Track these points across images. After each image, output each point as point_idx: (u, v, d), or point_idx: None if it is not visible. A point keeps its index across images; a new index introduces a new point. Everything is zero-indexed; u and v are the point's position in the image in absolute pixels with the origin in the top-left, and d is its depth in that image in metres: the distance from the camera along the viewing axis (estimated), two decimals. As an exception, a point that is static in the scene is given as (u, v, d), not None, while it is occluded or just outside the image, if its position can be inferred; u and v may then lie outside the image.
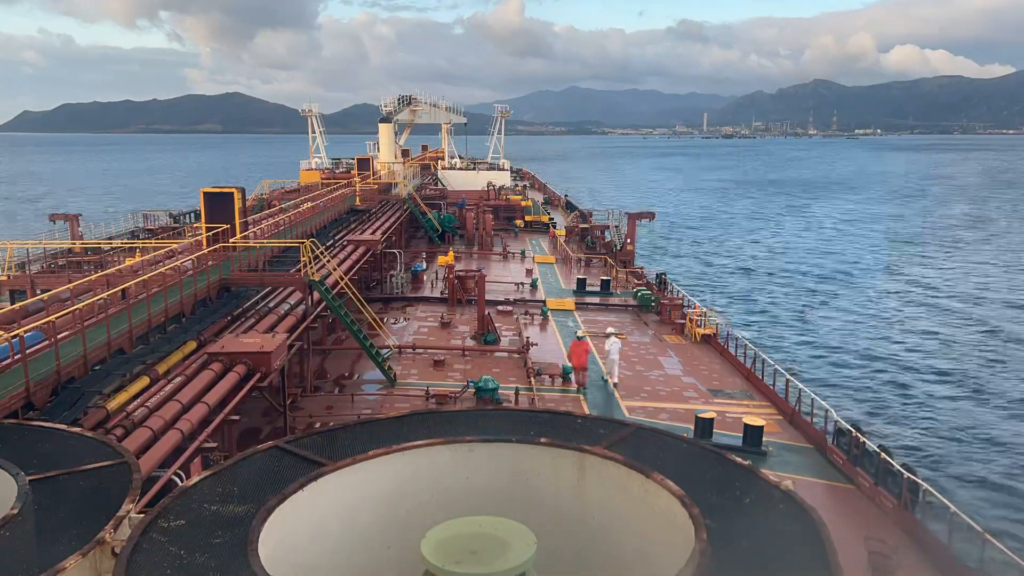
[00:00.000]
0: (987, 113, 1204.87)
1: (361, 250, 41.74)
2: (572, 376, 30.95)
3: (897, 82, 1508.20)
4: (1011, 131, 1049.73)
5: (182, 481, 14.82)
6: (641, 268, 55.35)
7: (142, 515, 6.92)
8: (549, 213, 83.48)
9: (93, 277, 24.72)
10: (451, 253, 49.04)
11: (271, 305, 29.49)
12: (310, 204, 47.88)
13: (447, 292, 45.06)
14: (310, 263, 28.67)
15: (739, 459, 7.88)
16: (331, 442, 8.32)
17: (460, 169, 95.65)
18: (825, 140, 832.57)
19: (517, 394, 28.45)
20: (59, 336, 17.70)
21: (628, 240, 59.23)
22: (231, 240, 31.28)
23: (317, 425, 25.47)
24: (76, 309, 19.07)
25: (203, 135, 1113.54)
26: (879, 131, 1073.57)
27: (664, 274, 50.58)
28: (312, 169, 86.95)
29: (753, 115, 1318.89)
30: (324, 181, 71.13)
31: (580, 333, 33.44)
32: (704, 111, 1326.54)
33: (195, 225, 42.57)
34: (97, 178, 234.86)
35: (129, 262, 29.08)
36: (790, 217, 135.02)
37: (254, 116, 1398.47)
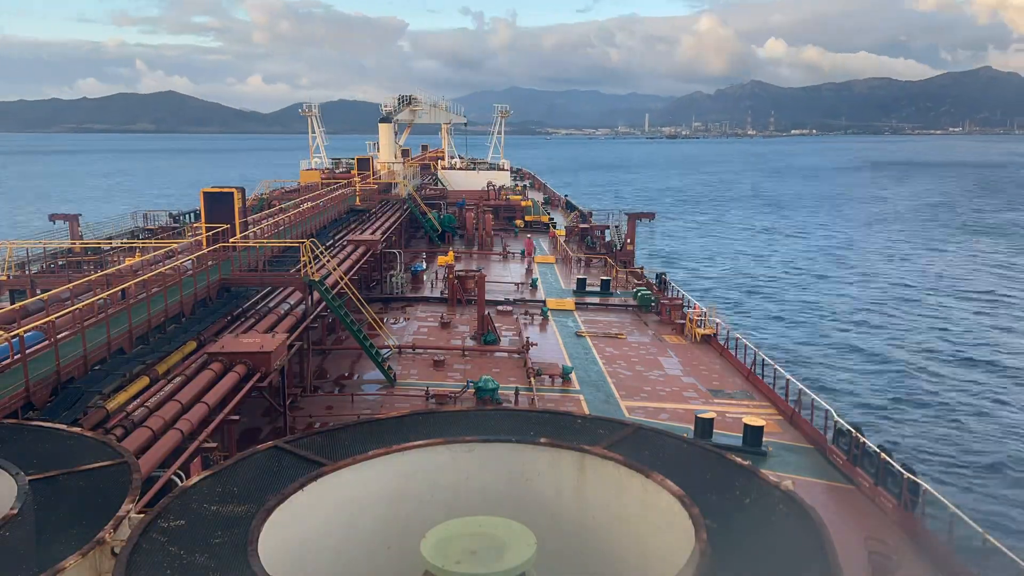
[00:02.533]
0: (915, 114, 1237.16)
1: (361, 250, 41.74)
2: (572, 375, 31.03)
3: (829, 83, 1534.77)
4: (938, 131, 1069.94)
5: (182, 481, 14.82)
6: (641, 268, 55.35)
7: (142, 515, 6.92)
8: (549, 213, 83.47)
9: (93, 277, 24.72)
10: (451, 253, 49.06)
11: (271, 305, 29.49)
12: (310, 204, 47.89)
13: (447, 292, 45.07)
14: (310, 263, 28.67)
15: (739, 459, 7.88)
16: (331, 442, 8.32)
17: (460, 169, 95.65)
18: (768, 140, 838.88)
19: (517, 394, 28.45)
20: (59, 336, 17.70)
21: (628, 240, 59.23)
22: (231, 240, 31.29)
23: (317, 425, 25.48)
24: (76, 309, 19.08)
25: (138, 135, 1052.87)
26: (814, 131, 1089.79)
27: (664, 274, 50.58)
28: (312, 169, 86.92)
29: (693, 115, 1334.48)
30: (324, 181, 71.14)
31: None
32: (644, 112, 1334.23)
33: (195, 225, 42.56)
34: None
35: (129, 262, 29.08)
36: (790, 217, 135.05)
37: (190, 115, 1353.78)
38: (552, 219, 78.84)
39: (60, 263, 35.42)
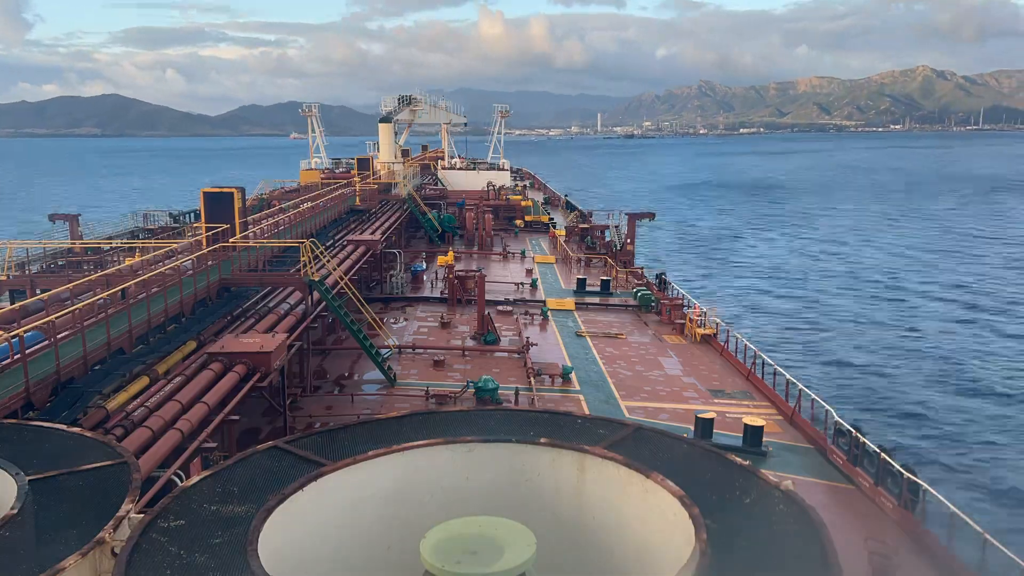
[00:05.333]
0: (857, 112, 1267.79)
1: (361, 250, 41.75)
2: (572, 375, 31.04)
3: (776, 83, 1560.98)
4: (880, 128, 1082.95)
5: (182, 481, 14.82)
6: (641, 268, 55.34)
7: (142, 515, 6.92)
8: (549, 213, 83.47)
9: (93, 277, 24.72)
10: (451, 253, 49.03)
11: (271, 305, 29.49)
12: (310, 204, 47.88)
13: (447, 292, 45.07)
14: (310, 263, 28.67)
15: (739, 459, 7.88)
16: (331, 442, 8.32)
17: (460, 169, 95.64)
18: (721, 139, 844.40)
19: (517, 394, 28.45)
20: (59, 336, 17.70)
21: (628, 240, 59.23)
22: (231, 240, 31.28)
23: (317, 425, 25.47)
24: (76, 309, 19.08)
25: (83, 139, 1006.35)
26: (762, 130, 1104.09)
27: (664, 274, 50.59)
28: (312, 169, 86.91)
29: (644, 115, 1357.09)
30: (324, 181, 71.15)
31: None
32: (595, 112, 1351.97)
33: (195, 225, 42.54)
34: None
35: (129, 262, 29.08)
36: (791, 217, 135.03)
37: (136, 118, 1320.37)
38: (552, 219, 78.85)
39: (60, 263, 35.42)
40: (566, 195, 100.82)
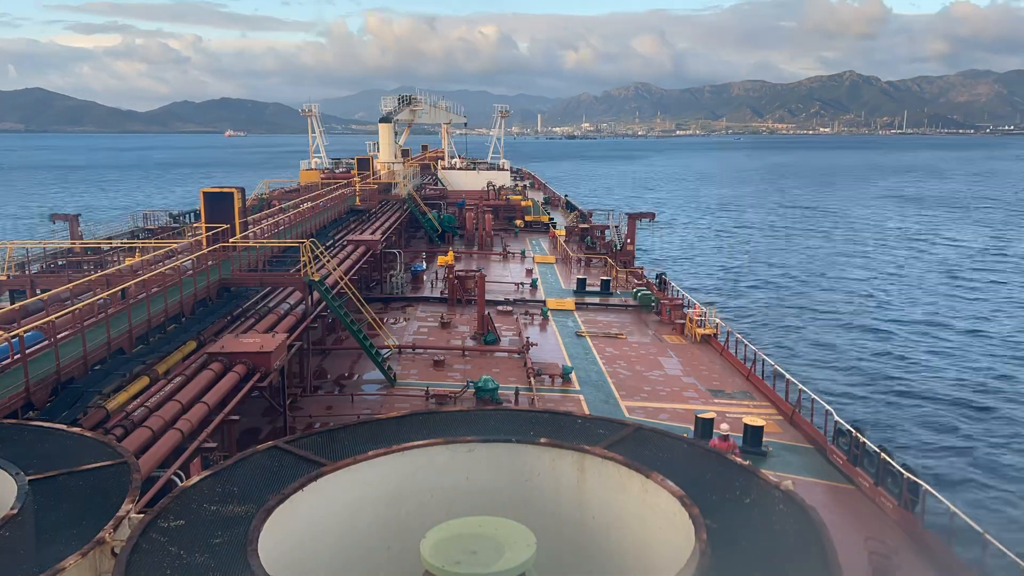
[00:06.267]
0: (788, 115, 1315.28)
1: (361, 250, 41.75)
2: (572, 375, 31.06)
3: (710, 85, 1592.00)
4: (810, 131, 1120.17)
5: (182, 481, 14.82)
6: (641, 268, 55.35)
7: (142, 515, 6.92)
8: (549, 213, 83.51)
9: (93, 277, 24.73)
10: (451, 253, 49.05)
11: (271, 305, 29.49)
12: (310, 204, 47.89)
13: (447, 292, 45.07)
14: (310, 263, 28.67)
15: (739, 459, 7.88)
16: (331, 442, 8.32)
17: (460, 169, 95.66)
18: (660, 139, 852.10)
19: (517, 394, 28.46)
20: (59, 336, 17.70)
21: (628, 240, 59.25)
22: (231, 240, 31.28)
23: (317, 425, 25.48)
24: (76, 309, 19.08)
25: (5, 135, 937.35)
26: (698, 131, 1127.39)
27: (664, 274, 50.59)
28: (312, 169, 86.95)
29: (583, 116, 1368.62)
30: (324, 181, 71.18)
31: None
32: (535, 112, 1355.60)
33: (195, 225, 42.56)
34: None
35: (129, 262, 29.09)
36: (791, 216, 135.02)
37: (61, 113, 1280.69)
38: (552, 219, 78.88)
39: (60, 263, 35.43)
40: (566, 195, 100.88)
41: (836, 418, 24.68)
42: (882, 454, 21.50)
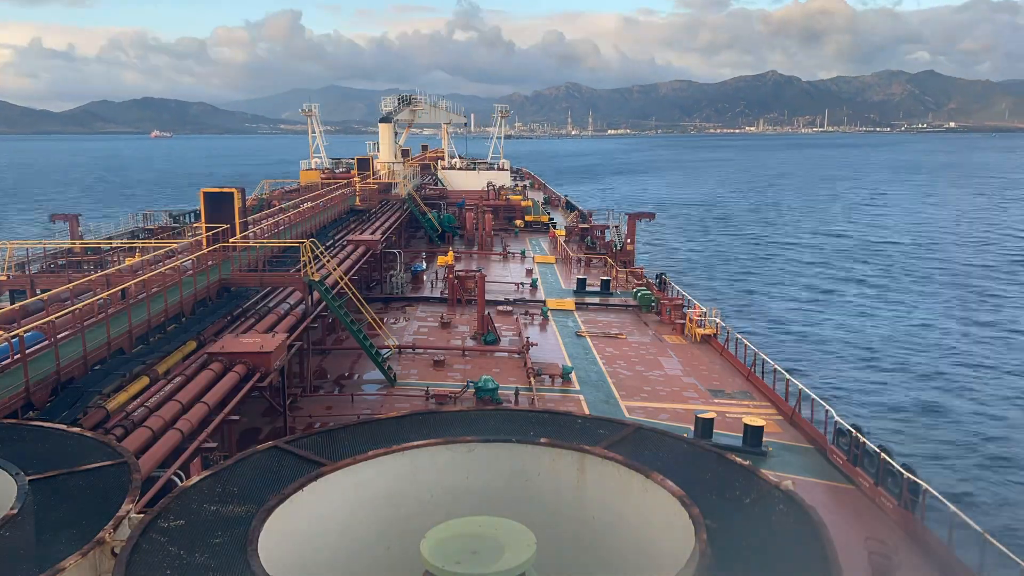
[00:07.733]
0: (715, 115, 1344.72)
1: (361, 250, 41.75)
2: (572, 375, 31.03)
3: (638, 85, 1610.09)
4: (736, 130, 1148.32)
5: (182, 481, 14.82)
6: (641, 268, 55.34)
7: (142, 515, 6.91)
8: (549, 213, 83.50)
9: (93, 277, 24.74)
10: (451, 253, 49.06)
11: (271, 305, 29.49)
12: (310, 204, 47.89)
13: (447, 292, 45.07)
14: (310, 263, 28.67)
15: (739, 459, 7.88)
16: (331, 442, 8.32)
17: (460, 169, 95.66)
18: (595, 139, 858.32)
19: (517, 394, 28.46)
20: (59, 336, 17.71)
21: (628, 240, 59.25)
22: (231, 240, 31.29)
23: (317, 425, 25.47)
24: (76, 309, 19.08)
25: None
26: (628, 130, 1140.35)
27: (664, 274, 50.59)
28: (312, 169, 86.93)
29: (515, 116, 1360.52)
30: (324, 181, 71.18)
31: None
32: (467, 112, 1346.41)
33: (195, 225, 42.56)
34: None
35: (129, 262, 29.10)
36: (791, 216, 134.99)
37: None
38: (552, 219, 78.87)
39: (60, 263, 35.44)
40: (566, 195, 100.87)
41: (836, 418, 24.69)
42: (882, 454, 21.50)
